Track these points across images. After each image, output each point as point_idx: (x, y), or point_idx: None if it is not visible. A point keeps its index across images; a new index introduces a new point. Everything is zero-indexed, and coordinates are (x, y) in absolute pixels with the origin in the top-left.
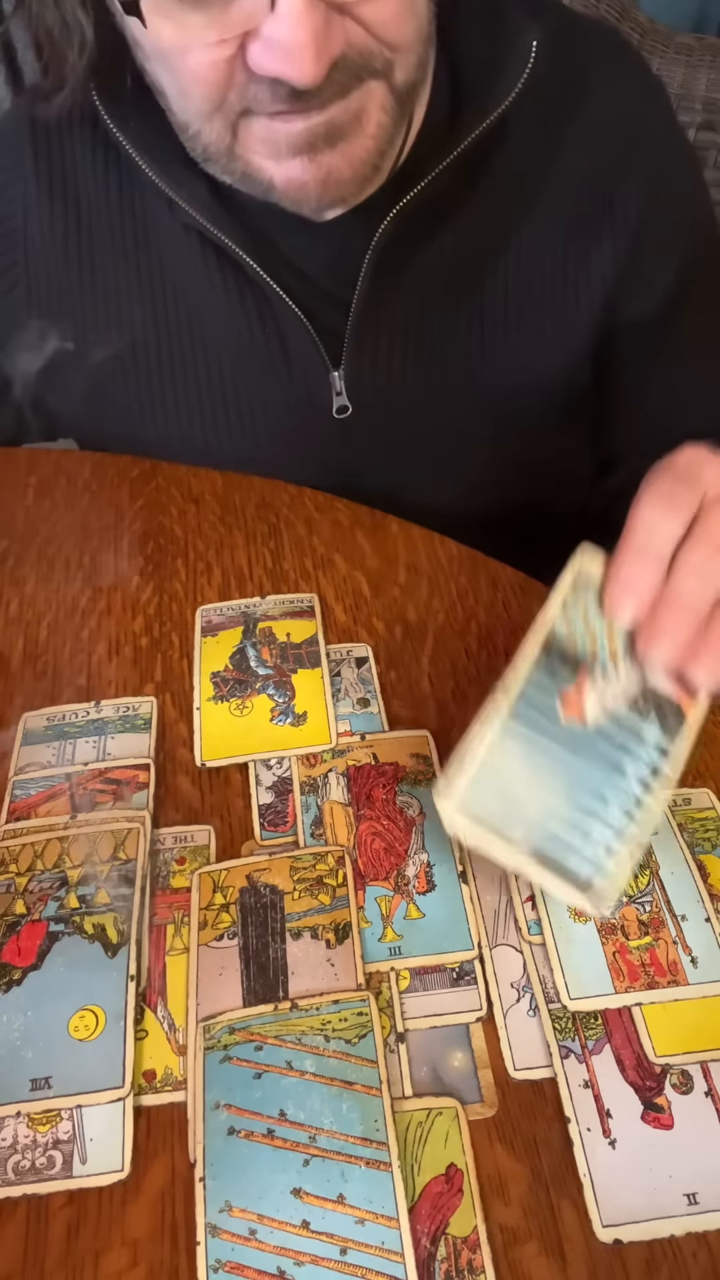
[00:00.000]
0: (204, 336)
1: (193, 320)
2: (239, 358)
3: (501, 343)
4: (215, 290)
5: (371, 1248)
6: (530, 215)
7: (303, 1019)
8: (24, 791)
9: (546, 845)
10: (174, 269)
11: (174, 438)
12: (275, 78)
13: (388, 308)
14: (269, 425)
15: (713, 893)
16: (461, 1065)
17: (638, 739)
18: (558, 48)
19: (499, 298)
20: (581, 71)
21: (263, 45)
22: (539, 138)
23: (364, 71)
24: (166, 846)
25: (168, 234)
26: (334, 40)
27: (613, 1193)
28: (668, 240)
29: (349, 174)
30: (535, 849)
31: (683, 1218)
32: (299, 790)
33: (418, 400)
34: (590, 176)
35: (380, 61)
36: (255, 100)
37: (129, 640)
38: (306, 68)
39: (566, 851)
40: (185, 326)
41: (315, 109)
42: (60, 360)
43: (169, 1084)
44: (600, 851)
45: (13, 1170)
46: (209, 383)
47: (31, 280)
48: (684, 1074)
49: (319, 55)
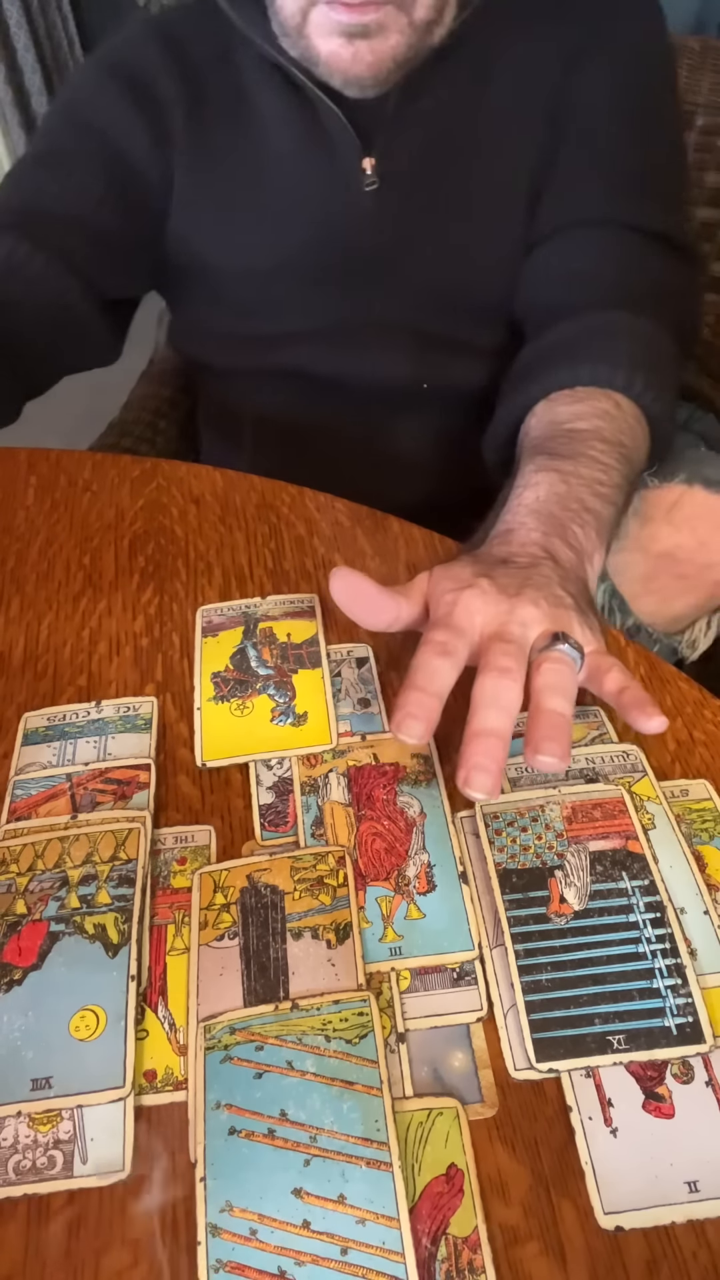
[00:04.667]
0: (270, 148)
1: (263, 134)
2: (295, 156)
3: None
4: (281, 105)
5: (372, 1248)
6: (505, 75)
7: (303, 1019)
8: (24, 791)
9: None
10: (254, 99)
11: (234, 241)
12: None
13: (410, 119)
14: (314, 208)
15: (711, 884)
16: (462, 1065)
17: (622, 895)
18: None
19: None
20: None
21: None
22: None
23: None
24: (167, 846)
25: (253, 70)
26: None
27: (614, 1181)
28: (607, 56)
29: (370, 60)
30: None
31: (684, 1205)
32: (299, 790)
33: (432, 188)
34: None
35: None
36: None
37: (129, 640)
38: None
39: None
40: (258, 142)
41: (356, 8)
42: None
43: (169, 1084)
44: (670, 1001)
45: (13, 1170)
46: (272, 188)
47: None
48: (685, 1064)
49: None
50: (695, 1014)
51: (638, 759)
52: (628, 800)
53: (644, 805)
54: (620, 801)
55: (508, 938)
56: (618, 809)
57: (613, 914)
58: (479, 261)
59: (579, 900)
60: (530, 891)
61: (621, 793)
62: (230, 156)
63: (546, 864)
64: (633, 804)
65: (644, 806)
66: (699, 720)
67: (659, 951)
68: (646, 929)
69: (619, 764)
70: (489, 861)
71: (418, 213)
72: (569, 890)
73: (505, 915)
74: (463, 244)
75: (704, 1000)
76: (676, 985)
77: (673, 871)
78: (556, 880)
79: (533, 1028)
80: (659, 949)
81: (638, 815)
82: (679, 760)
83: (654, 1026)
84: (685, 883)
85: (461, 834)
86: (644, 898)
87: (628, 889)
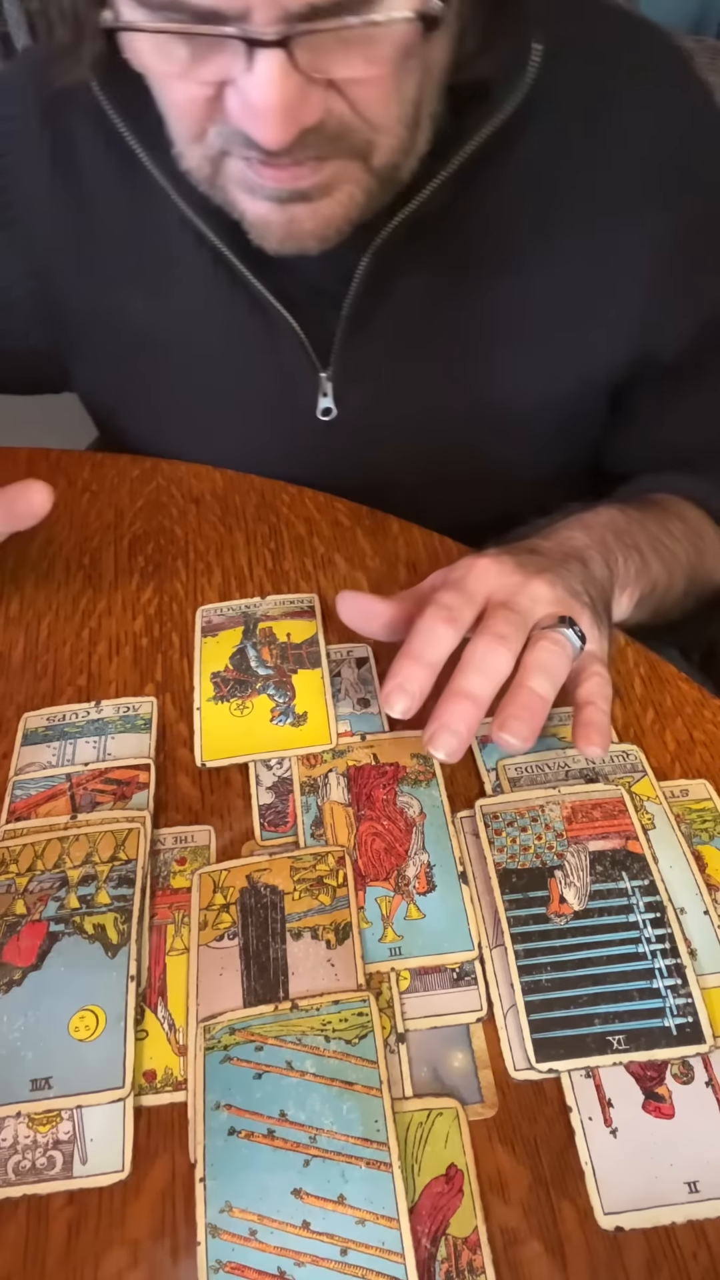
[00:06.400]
0: (197, 330)
1: (186, 313)
2: (229, 354)
3: (498, 360)
4: (208, 285)
5: (372, 1248)
6: (539, 234)
7: (303, 1019)
8: (24, 791)
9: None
10: (171, 261)
11: (159, 429)
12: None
13: (379, 317)
14: (254, 423)
15: (711, 884)
16: (462, 1065)
17: (622, 895)
18: (583, 53)
19: (494, 317)
20: (609, 74)
21: (238, 97)
22: (554, 151)
23: (341, 146)
24: (167, 846)
25: (167, 224)
26: (310, 109)
27: (614, 1181)
28: (696, 277)
29: (311, 228)
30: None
31: (683, 1205)
32: (299, 790)
33: (403, 411)
34: (612, 198)
35: (360, 140)
36: (232, 142)
37: (129, 640)
38: (272, 132)
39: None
40: (179, 318)
41: (285, 170)
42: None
43: (169, 1084)
44: (670, 1001)
45: (13, 1170)
46: (199, 378)
47: (31, 231)
48: (685, 1064)
49: (287, 121)
50: (695, 1014)
51: (638, 759)
52: (628, 800)
53: (644, 805)
54: (620, 801)
55: (507, 938)
56: (618, 809)
57: (613, 914)
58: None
59: (579, 900)
60: (530, 891)
61: (621, 793)
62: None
63: (546, 864)
64: (633, 804)
65: (644, 806)
66: (699, 720)
67: (659, 951)
68: (646, 929)
69: (619, 764)
70: (489, 861)
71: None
72: (569, 890)
73: (505, 915)
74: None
75: (704, 1000)
76: (676, 985)
77: (673, 871)
78: (556, 880)
79: (533, 1028)
80: (659, 949)
81: (638, 815)
82: (679, 760)
83: (654, 1027)
84: (685, 883)
85: (461, 834)
86: (644, 898)
87: (628, 889)
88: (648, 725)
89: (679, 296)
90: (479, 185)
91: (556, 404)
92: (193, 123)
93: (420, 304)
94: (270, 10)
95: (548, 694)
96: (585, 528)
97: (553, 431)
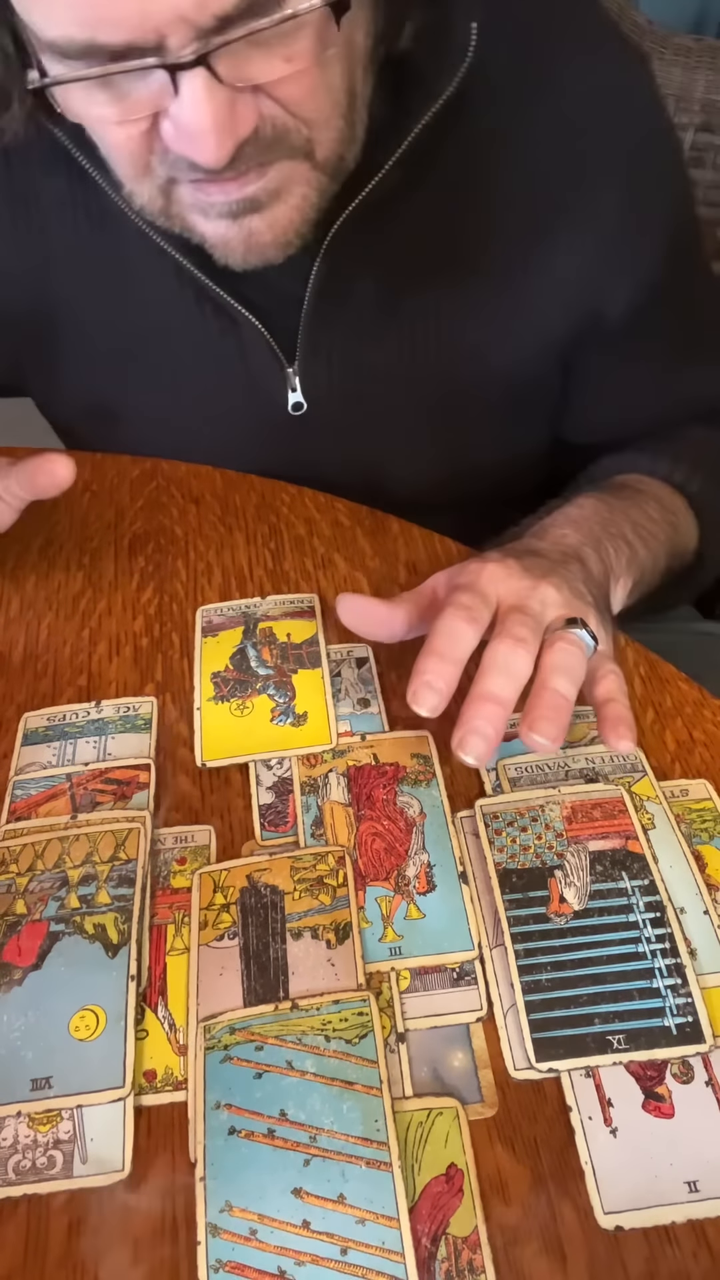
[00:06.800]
0: (165, 339)
1: (154, 323)
2: (198, 360)
3: (455, 339)
4: (172, 294)
5: (372, 1248)
6: (488, 208)
7: (303, 1019)
8: (24, 791)
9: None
10: (134, 275)
11: (134, 435)
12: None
13: (338, 310)
14: (228, 423)
15: (711, 884)
16: (462, 1065)
17: (622, 895)
18: (519, 28)
19: (452, 294)
20: (547, 52)
21: (171, 124)
22: (496, 126)
23: (282, 149)
24: (167, 846)
25: (127, 236)
26: (242, 120)
27: (614, 1180)
28: (642, 239)
29: (270, 239)
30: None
31: (683, 1205)
32: (299, 790)
33: (371, 395)
34: (557, 167)
35: (299, 138)
36: (176, 169)
37: (129, 640)
38: (210, 151)
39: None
40: (147, 330)
41: (232, 182)
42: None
43: (169, 1084)
44: (670, 1001)
45: (13, 1170)
46: (169, 384)
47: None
48: (685, 1064)
49: (223, 138)
50: (695, 1014)
51: (637, 759)
52: (627, 800)
53: (644, 805)
54: (620, 801)
55: (507, 938)
56: (617, 809)
57: (612, 914)
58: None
59: (579, 900)
60: (530, 891)
61: (621, 792)
62: None
63: (546, 864)
64: (632, 804)
65: (644, 806)
66: (699, 720)
67: (659, 951)
68: (646, 929)
69: (619, 764)
70: (489, 861)
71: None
72: (569, 890)
73: (505, 915)
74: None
75: (704, 1000)
76: (676, 985)
77: (672, 871)
78: (556, 880)
79: (532, 1028)
80: (659, 949)
81: (637, 815)
82: (679, 760)
83: (654, 1026)
84: (685, 883)
85: (461, 834)
86: (644, 897)
87: (627, 889)
88: (648, 725)
89: (622, 262)
90: (424, 169)
91: (516, 372)
92: (135, 159)
93: (376, 294)
94: (182, 32)
95: (570, 694)
96: (575, 525)
97: (512, 404)
